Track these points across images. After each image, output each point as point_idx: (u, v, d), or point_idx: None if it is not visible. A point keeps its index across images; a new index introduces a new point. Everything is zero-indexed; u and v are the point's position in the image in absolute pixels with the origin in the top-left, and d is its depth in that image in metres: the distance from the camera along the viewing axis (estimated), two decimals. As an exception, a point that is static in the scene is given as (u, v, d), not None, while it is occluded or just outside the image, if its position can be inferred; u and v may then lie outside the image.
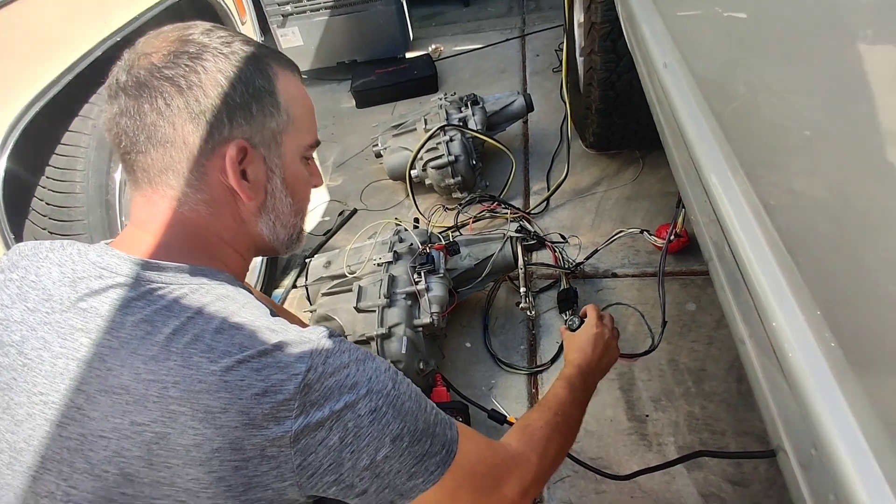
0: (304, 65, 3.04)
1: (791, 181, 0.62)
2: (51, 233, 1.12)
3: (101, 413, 0.47)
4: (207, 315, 0.51)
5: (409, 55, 3.02)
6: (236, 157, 0.56)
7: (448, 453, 0.56)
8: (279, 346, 0.50)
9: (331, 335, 0.54)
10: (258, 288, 1.69)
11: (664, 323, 1.18)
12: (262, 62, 0.59)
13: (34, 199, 1.10)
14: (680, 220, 1.45)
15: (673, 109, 0.94)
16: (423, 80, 2.71)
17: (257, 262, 1.70)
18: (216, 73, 0.55)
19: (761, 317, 0.62)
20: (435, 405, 0.59)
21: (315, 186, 0.69)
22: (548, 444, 0.71)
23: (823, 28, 0.52)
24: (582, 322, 1.05)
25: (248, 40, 0.59)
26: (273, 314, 0.55)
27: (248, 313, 0.53)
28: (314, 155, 0.69)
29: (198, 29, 0.57)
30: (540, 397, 1.36)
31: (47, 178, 1.11)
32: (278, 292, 1.78)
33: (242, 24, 1.85)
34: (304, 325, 0.85)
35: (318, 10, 2.88)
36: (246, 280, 1.72)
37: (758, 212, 0.67)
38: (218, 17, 1.71)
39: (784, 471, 0.62)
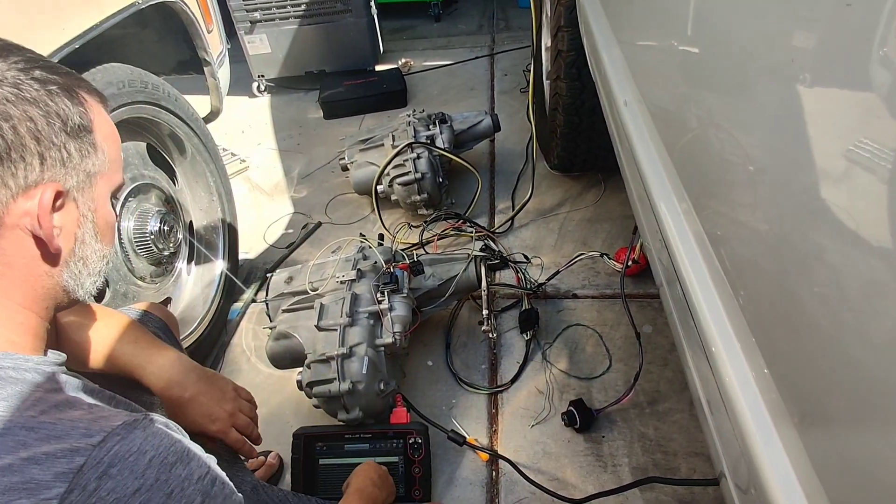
0: (272, 73, 3.01)
1: (732, 213, 0.66)
2: None
3: None
4: None
5: (378, 68, 3.03)
6: (50, 204, 0.49)
7: None
8: (34, 458, 0.40)
9: (131, 425, 0.43)
10: (217, 301, 1.65)
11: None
12: (76, 94, 0.52)
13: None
14: (637, 245, 1.50)
15: (630, 141, 0.98)
16: (393, 94, 2.72)
17: (215, 276, 1.66)
18: (23, 104, 0.47)
19: (703, 344, 0.65)
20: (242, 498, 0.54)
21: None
22: None
23: (767, 71, 0.56)
24: None
25: (51, 65, 0.52)
26: (88, 390, 0.48)
27: (4, 407, 0.42)
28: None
29: None
30: (500, 418, 1.38)
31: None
32: (237, 307, 1.74)
33: (209, 31, 1.82)
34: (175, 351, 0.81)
35: (287, 18, 2.85)
36: (200, 291, 1.64)
37: (701, 240, 0.71)
38: (183, 25, 1.68)
39: (726, 497, 0.65)
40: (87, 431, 0.42)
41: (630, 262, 1.55)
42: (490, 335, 1.50)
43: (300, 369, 1.31)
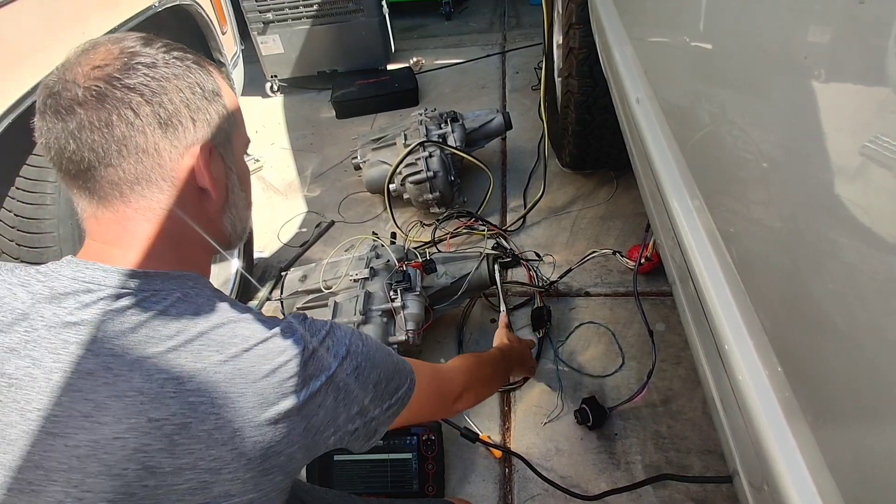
0: (284, 73, 3.03)
1: (745, 210, 0.66)
2: (18, 245, 1.10)
3: (114, 417, 0.50)
4: (204, 315, 0.55)
5: (390, 67, 3.04)
6: (207, 157, 0.60)
7: (411, 381, 0.70)
8: (275, 333, 0.57)
9: (304, 318, 0.61)
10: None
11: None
12: (205, 66, 0.62)
13: (3, 210, 1.08)
14: (650, 243, 1.50)
15: (642, 139, 0.97)
16: (404, 93, 2.73)
17: (231, 275, 1.68)
18: (174, 79, 0.58)
19: (716, 342, 0.65)
20: (391, 349, 0.71)
21: None
22: (480, 369, 0.95)
23: (780, 69, 0.55)
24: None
25: (181, 46, 0.62)
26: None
27: (239, 308, 0.59)
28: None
29: (136, 40, 0.58)
30: (513, 415, 1.38)
31: (17, 188, 1.09)
32: (252, 304, 1.77)
33: (223, 33, 1.84)
34: None
35: (299, 18, 2.87)
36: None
37: (714, 238, 0.71)
38: (198, 27, 1.70)
39: (739, 495, 0.65)
40: (285, 320, 0.60)
41: (643, 260, 1.54)
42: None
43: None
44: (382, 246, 1.53)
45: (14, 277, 0.56)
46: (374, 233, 1.73)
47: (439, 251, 1.78)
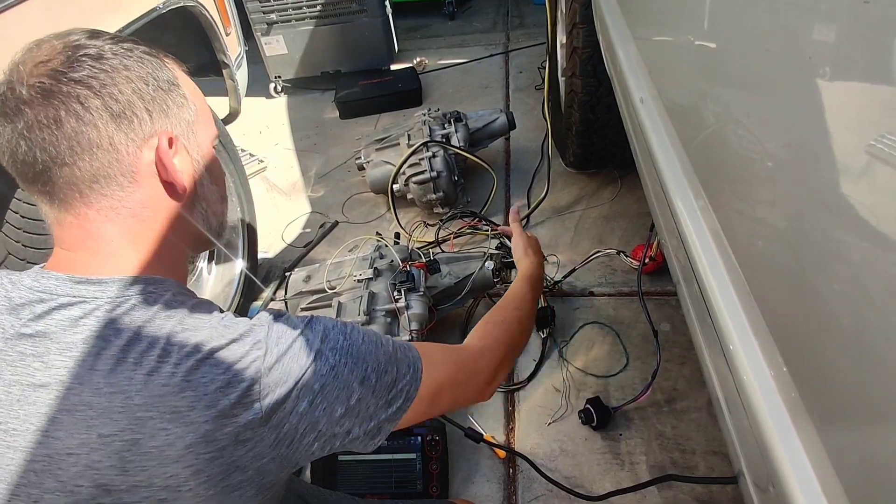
0: (288, 73, 3.04)
1: (749, 210, 0.66)
2: (24, 245, 1.11)
3: (66, 432, 0.48)
4: (159, 322, 0.52)
5: (393, 67, 3.04)
6: (168, 149, 0.57)
7: (416, 370, 0.62)
8: (233, 340, 0.53)
9: (276, 316, 0.57)
10: (237, 300, 1.68)
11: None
12: (159, 57, 0.60)
13: (9, 211, 1.09)
14: (654, 242, 1.49)
15: (646, 138, 0.97)
16: (408, 93, 2.73)
17: (235, 275, 1.69)
18: (123, 70, 0.55)
19: (720, 342, 0.65)
20: (390, 337, 0.64)
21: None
22: (506, 333, 0.82)
23: (785, 67, 0.55)
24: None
25: (132, 38, 0.60)
26: (220, 311, 0.58)
27: (198, 314, 0.55)
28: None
29: (81, 33, 0.56)
30: (517, 416, 1.38)
31: (24, 189, 1.09)
32: (257, 305, 1.77)
33: (227, 34, 1.85)
34: None
35: (303, 19, 2.88)
36: (220, 290, 1.69)
37: (718, 237, 0.71)
38: (202, 28, 1.71)
39: (744, 496, 0.65)
40: (251, 321, 0.57)
41: (647, 260, 1.54)
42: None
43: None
44: (386, 246, 1.53)
45: None
46: (377, 233, 1.73)
47: (443, 251, 1.78)
